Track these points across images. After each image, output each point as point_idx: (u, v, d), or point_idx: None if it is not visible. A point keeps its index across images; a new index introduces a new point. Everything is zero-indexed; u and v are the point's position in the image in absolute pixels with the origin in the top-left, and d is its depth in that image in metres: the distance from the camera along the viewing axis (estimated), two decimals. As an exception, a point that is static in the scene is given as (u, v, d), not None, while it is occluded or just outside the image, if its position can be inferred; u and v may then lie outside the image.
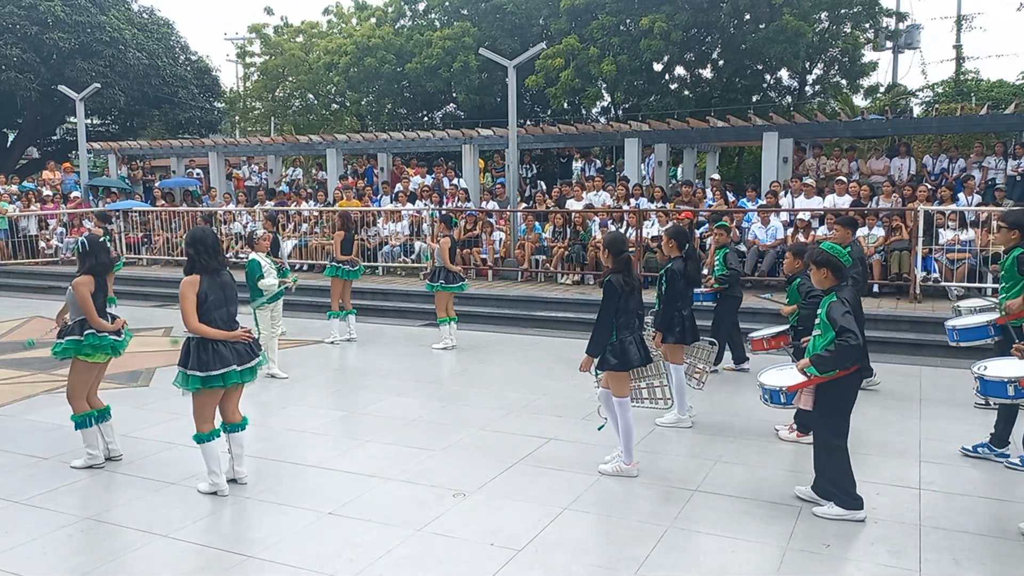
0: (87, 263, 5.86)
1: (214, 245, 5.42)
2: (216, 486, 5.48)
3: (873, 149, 17.25)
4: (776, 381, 5.49)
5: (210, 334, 5.32)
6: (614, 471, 5.83)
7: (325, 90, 28.55)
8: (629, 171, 16.58)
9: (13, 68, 23.99)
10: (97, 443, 6.06)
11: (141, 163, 23.47)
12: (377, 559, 4.57)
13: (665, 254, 7.30)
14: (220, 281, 5.41)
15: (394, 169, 19.62)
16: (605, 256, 5.93)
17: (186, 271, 5.39)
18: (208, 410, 5.49)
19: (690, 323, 6.97)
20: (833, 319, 4.86)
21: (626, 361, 5.70)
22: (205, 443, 5.46)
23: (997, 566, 4.47)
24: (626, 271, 5.73)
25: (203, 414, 5.48)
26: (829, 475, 5.11)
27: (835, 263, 5.05)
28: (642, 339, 5.91)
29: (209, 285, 5.32)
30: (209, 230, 5.68)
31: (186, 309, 5.26)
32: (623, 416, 5.77)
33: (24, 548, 4.78)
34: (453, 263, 10.52)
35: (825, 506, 5.12)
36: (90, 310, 5.81)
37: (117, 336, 6.02)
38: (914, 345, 10.13)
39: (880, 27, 22.83)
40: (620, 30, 20.99)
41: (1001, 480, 5.77)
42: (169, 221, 17.80)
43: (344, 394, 8.46)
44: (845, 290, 5.02)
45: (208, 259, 5.35)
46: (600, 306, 5.74)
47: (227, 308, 5.44)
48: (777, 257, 12.64)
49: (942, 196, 12.80)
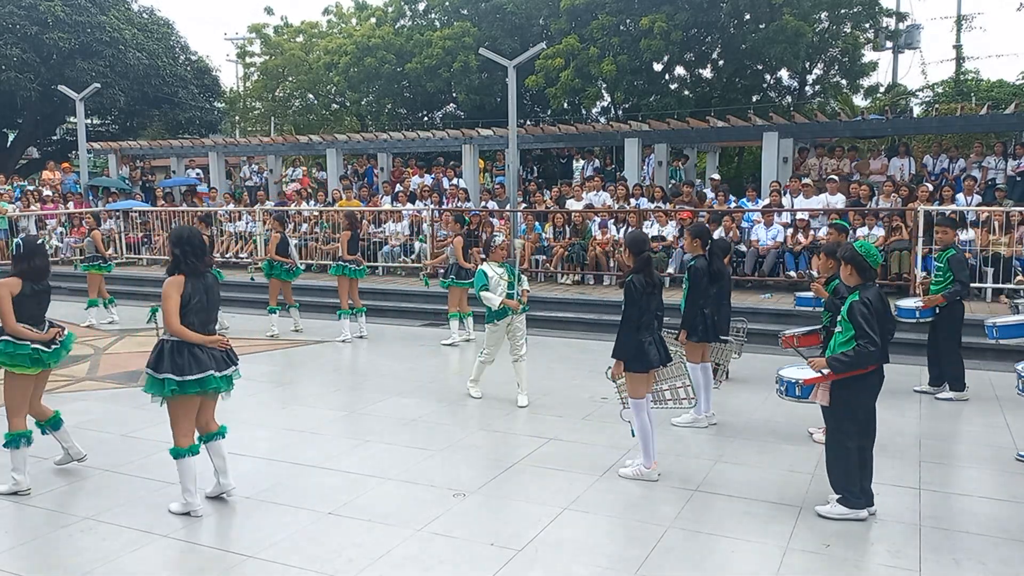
0: (19, 266, 5.51)
1: (200, 246, 5.20)
2: (189, 506, 5.16)
3: (873, 149, 17.26)
4: (795, 375, 5.50)
5: (191, 338, 5.07)
6: (634, 474, 5.78)
7: (325, 90, 28.55)
8: (629, 171, 16.58)
9: (13, 68, 23.99)
10: (24, 467, 5.58)
11: (141, 163, 23.48)
12: (377, 559, 4.57)
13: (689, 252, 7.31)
14: (204, 283, 5.19)
15: (394, 169, 19.64)
16: (626, 255, 5.88)
17: (170, 271, 5.16)
18: (187, 421, 5.21)
19: (712, 322, 6.97)
20: (854, 321, 4.84)
21: (645, 362, 5.67)
22: (183, 458, 5.16)
23: (997, 566, 4.47)
24: (646, 271, 5.71)
25: (182, 426, 5.19)
26: (834, 472, 5.10)
27: (860, 261, 5.00)
28: (662, 339, 5.89)
29: (194, 287, 5.11)
30: (195, 230, 5.43)
31: (169, 309, 5.02)
32: (638, 417, 5.73)
33: (24, 548, 4.78)
34: (467, 260, 10.76)
35: (828, 505, 5.11)
36: (6, 314, 5.40)
37: (47, 347, 5.56)
38: (914, 345, 10.11)
39: (880, 27, 22.81)
40: (620, 30, 20.99)
41: (1001, 480, 5.77)
42: (169, 221, 17.79)
43: (344, 394, 8.46)
44: (870, 289, 4.96)
45: (195, 260, 5.13)
46: (623, 308, 5.69)
47: (208, 312, 5.22)
48: (778, 258, 12.65)
49: (942, 196, 12.80)
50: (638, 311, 5.63)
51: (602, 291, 13.00)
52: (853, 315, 4.86)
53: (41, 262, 5.62)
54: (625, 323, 5.66)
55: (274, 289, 11.53)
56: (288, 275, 11.49)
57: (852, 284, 5.05)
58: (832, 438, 5.14)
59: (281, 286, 11.54)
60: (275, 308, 11.49)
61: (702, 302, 6.91)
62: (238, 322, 12.23)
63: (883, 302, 4.97)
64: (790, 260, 12.53)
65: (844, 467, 5.05)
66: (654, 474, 5.77)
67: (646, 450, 5.78)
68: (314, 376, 9.18)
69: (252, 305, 13.45)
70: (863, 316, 4.81)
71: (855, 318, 4.84)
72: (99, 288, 12.43)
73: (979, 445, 6.54)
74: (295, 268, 11.56)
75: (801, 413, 6.88)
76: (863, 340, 4.78)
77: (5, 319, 5.41)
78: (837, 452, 5.08)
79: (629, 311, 5.65)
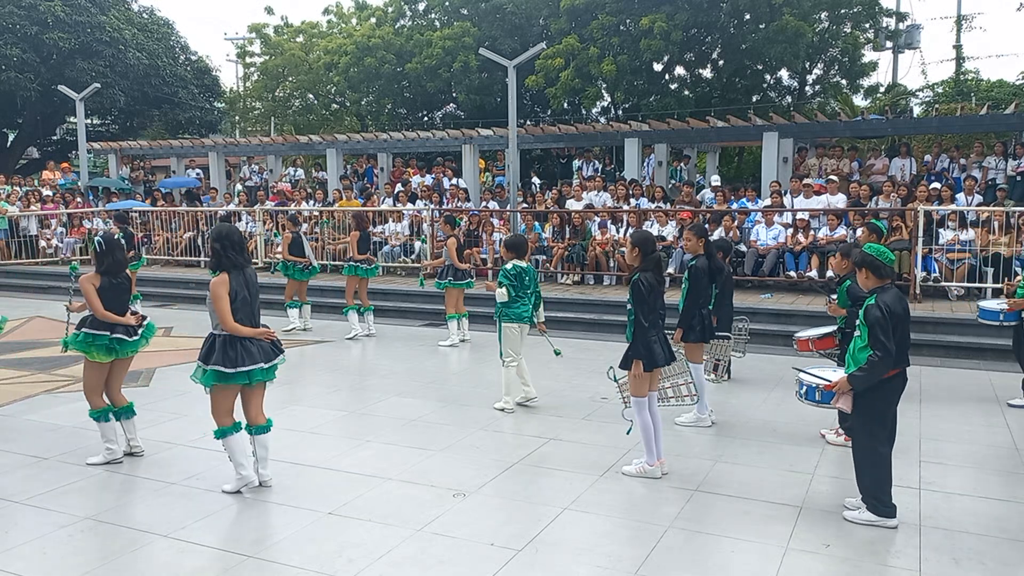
0: (103, 262, 5.94)
1: (240, 241, 5.43)
2: (244, 479, 5.44)
3: (873, 149, 17.25)
4: (815, 380, 5.41)
5: (245, 333, 5.32)
6: (638, 472, 5.79)
7: (325, 90, 28.56)
8: (629, 171, 16.57)
9: (13, 68, 23.98)
10: (115, 436, 6.08)
11: (141, 163, 23.46)
12: (377, 559, 4.57)
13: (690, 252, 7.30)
14: (245, 278, 5.40)
15: (394, 169, 19.64)
16: (635, 255, 5.84)
17: (213, 268, 5.39)
18: (227, 403, 5.45)
19: (708, 321, 6.99)
20: (869, 327, 4.79)
21: (651, 360, 5.68)
22: (228, 436, 5.42)
23: (997, 566, 4.47)
24: (655, 270, 5.72)
25: (222, 408, 5.45)
26: (865, 479, 5.01)
27: (873, 263, 4.96)
28: (666, 338, 5.90)
29: (237, 282, 5.33)
30: (234, 227, 5.69)
31: (222, 310, 5.24)
32: (640, 415, 5.74)
33: (24, 548, 4.78)
34: (461, 261, 10.91)
35: (857, 511, 5.05)
36: (94, 304, 5.89)
37: (128, 335, 6.00)
38: (914, 345, 10.04)
39: (880, 27, 22.83)
40: (620, 30, 20.98)
41: (1001, 480, 5.78)
42: (169, 221, 17.80)
43: (344, 394, 8.46)
44: (888, 292, 4.90)
45: (235, 255, 5.33)
46: (634, 308, 5.67)
47: (251, 306, 5.44)
48: (778, 258, 12.64)
49: (942, 196, 12.80)
50: (648, 309, 5.64)
51: (602, 291, 13.00)
52: (869, 320, 4.81)
53: (120, 256, 6.06)
54: (639, 322, 5.64)
55: (290, 288, 11.71)
56: (302, 275, 11.66)
57: (869, 287, 4.99)
58: (861, 443, 5.02)
59: (296, 286, 11.70)
60: (293, 304, 11.71)
61: (701, 302, 6.92)
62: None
63: (902, 305, 4.89)
64: (790, 260, 12.53)
65: (876, 473, 4.94)
66: (658, 471, 5.77)
67: (649, 447, 5.78)
68: (314, 376, 9.18)
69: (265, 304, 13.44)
70: (879, 323, 4.75)
71: (870, 323, 4.79)
72: None
73: (979, 445, 6.54)
74: (311, 267, 11.66)
75: (802, 413, 6.88)
76: (876, 349, 4.73)
77: (95, 308, 5.89)
78: (869, 457, 4.96)
79: (641, 310, 5.64)
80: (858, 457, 5.06)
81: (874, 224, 8.17)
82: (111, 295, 5.97)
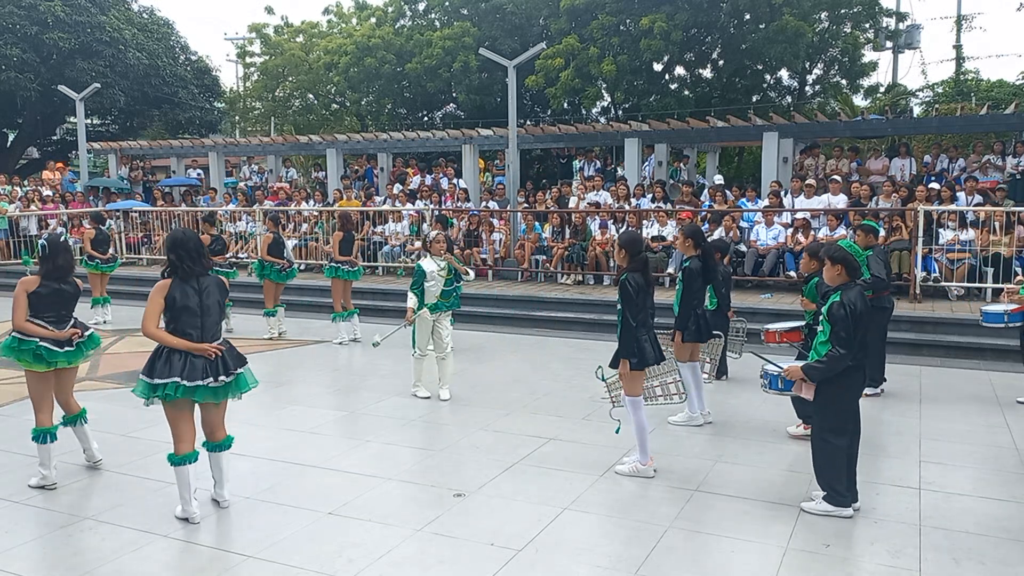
0: (44, 266, 5.60)
1: (196, 248, 5.05)
2: (186, 513, 5.06)
3: (873, 149, 17.24)
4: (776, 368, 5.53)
5: (169, 342, 4.92)
6: (630, 471, 5.82)
7: (325, 90, 28.53)
8: (629, 171, 16.57)
9: (13, 68, 23.98)
10: (49, 462, 5.67)
11: (141, 163, 23.45)
12: (377, 559, 4.57)
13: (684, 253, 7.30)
14: (200, 286, 5.03)
15: (394, 169, 19.64)
16: (622, 256, 5.87)
17: (163, 275, 5.06)
18: (179, 426, 5.06)
19: (704, 321, 7.00)
20: (832, 322, 4.91)
21: (643, 360, 5.71)
22: (176, 466, 5.05)
23: (997, 566, 4.48)
24: (643, 270, 5.75)
25: (176, 431, 5.08)
26: (821, 469, 5.14)
27: (850, 261, 5.08)
28: (655, 338, 5.92)
29: (183, 291, 4.96)
30: (191, 232, 5.23)
31: (146, 312, 4.90)
32: (636, 415, 5.77)
33: (24, 548, 4.78)
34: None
35: (814, 501, 5.16)
36: (15, 311, 5.48)
37: (59, 346, 5.60)
38: (914, 345, 10.13)
39: (880, 27, 22.80)
40: (620, 30, 20.98)
41: (1001, 480, 5.77)
42: (169, 221, 17.79)
43: (344, 394, 8.46)
44: (853, 290, 5.00)
45: (191, 264, 4.98)
46: (622, 308, 5.70)
47: (202, 318, 5.00)
48: (778, 258, 12.64)
49: (943, 196, 12.80)
50: (636, 309, 5.66)
51: (602, 291, 13.00)
52: (832, 316, 4.93)
53: (64, 261, 5.68)
54: (626, 323, 5.68)
55: (268, 290, 11.34)
56: (280, 277, 11.31)
57: (836, 284, 5.08)
58: (819, 435, 5.16)
59: (274, 288, 11.34)
60: (272, 311, 11.36)
61: (695, 303, 6.92)
62: (237, 323, 12.22)
63: (865, 303, 5.01)
64: (790, 260, 12.53)
65: (832, 464, 5.08)
66: (650, 471, 5.80)
67: (643, 447, 5.81)
68: (314, 376, 9.18)
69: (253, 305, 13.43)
70: (841, 319, 4.88)
71: (834, 319, 4.91)
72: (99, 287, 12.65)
73: (979, 445, 6.54)
74: (288, 269, 11.42)
75: (801, 413, 6.87)
76: (838, 346, 4.87)
77: (14, 315, 5.52)
78: (825, 449, 5.11)
79: (630, 309, 5.67)
80: (816, 447, 5.19)
81: (868, 224, 8.18)
82: (49, 302, 5.59)
